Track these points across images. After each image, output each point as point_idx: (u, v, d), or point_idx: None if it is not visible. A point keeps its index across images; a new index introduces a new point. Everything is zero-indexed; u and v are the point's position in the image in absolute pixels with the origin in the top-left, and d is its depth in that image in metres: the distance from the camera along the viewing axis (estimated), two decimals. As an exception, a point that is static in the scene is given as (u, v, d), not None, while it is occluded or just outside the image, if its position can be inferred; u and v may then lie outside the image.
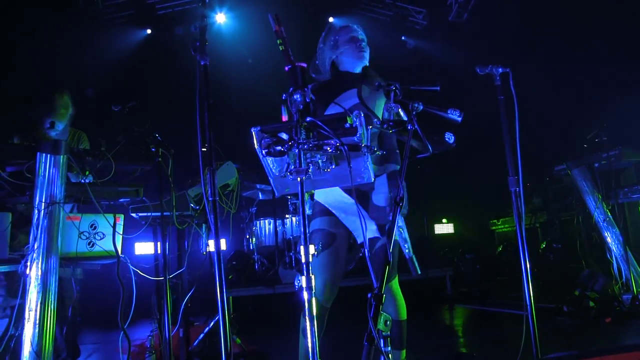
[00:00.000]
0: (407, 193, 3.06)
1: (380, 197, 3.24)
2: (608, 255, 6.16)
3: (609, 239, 6.12)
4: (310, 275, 2.41)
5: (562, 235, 9.07)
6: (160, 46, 10.14)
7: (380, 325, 2.22)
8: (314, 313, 2.43)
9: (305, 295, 2.42)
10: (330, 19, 10.89)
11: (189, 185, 4.26)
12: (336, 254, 3.20)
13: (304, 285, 2.41)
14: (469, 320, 6.88)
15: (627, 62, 7.53)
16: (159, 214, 3.81)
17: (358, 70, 3.43)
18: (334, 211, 3.26)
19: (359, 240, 3.26)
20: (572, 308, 5.67)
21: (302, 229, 2.44)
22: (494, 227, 11.36)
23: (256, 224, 8.23)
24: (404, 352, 3.16)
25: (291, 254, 7.62)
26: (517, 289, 8.52)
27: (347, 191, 3.24)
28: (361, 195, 3.26)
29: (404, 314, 3.19)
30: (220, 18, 10.18)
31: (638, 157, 6.16)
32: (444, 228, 12.21)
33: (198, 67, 2.41)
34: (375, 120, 2.82)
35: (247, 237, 8.30)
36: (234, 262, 7.78)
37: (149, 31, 10.38)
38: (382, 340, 2.24)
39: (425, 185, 9.81)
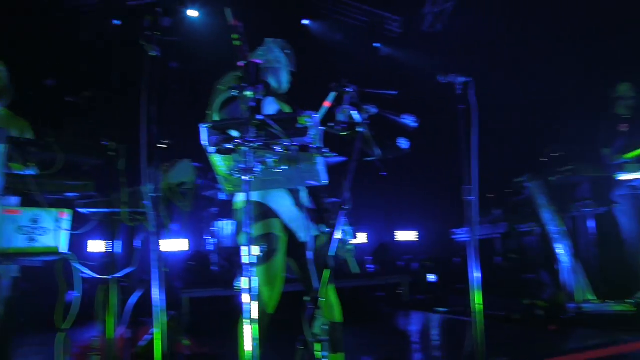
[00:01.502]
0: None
1: (306, 200, 3.30)
2: (557, 266, 6.28)
3: (560, 251, 6.23)
4: (253, 276, 2.36)
5: (519, 246, 9.16)
6: (122, 38, 9.89)
7: (317, 330, 2.18)
8: (255, 316, 2.38)
9: (246, 298, 2.37)
10: (305, 21, 10.93)
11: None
12: (279, 258, 3.16)
13: (245, 287, 2.36)
14: (423, 326, 6.91)
15: (587, 80, 7.68)
16: (109, 210, 3.72)
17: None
18: (279, 213, 3.22)
19: (302, 239, 3.24)
20: (519, 316, 5.78)
21: (245, 230, 2.39)
22: (455, 236, 11.44)
23: (217, 224, 8.10)
24: (340, 355, 3.12)
25: (251, 255, 7.53)
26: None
27: (290, 192, 3.22)
28: (296, 196, 3.25)
29: (339, 317, 3.17)
30: (192, 13, 10.00)
31: (591, 173, 6.26)
32: (406, 235, 12.26)
33: (148, 59, 2.35)
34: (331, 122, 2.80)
35: (207, 237, 8.18)
36: (192, 263, 7.65)
37: (113, 22, 10.11)
38: (319, 345, 2.20)
39: (390, 192, 9.86)
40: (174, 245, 8.67)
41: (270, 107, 3.18)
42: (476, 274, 3.08)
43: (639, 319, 5.04)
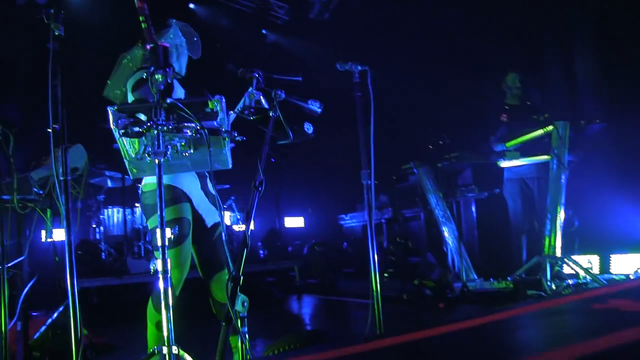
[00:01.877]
0: None
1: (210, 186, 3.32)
2: (444, 248, 6.65)
3: (446, 233, 6.60)
4: (167, 258, 2.37)
5: (405, 231, 9.54)
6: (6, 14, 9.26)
7: (238, 307, 2.23)
8: (170, 301, 2.40)
9: (161, 282, 2.37)
10: (191, 5, 10.72)
11: (32, 168, 3.99)
12: (189, 243, 3.16)
13: (160, 269, 2.36)
14: (316, 308, 7.08)
15: (473, 73, 8.08)
16: (-3, 197, 3.55)
17: None
18: (190, 195, 3.21)
19: (209, 224, 3.25)
20: (410, 296, 6.05)
21: (158, 212, 2.39)
22: (342, 222, 11.71)
23: (104, 212, 7.85)
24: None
25: (140, 243, 7.39)
26: (362, 280, 8.88)
27: (198, 175, 3.23)
28: (202, 180, 3.27)
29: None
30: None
31: (474, 160, 6.65)
32: (294, 221, 12.42)
33: (52, 38, 2.27)
34: (238, 106, 2.82)
35: (94, 226, 7.90)
36: (80, 252, 7.39)
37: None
38: (240, 321, 2.25)
39: (277, 178, 9.92)
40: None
41: (178, 90, 3.16)
42: (374, 255, 3.18)
43: (517, 295, 5.43)
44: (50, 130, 2.51)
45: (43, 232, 6.14)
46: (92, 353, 4.55)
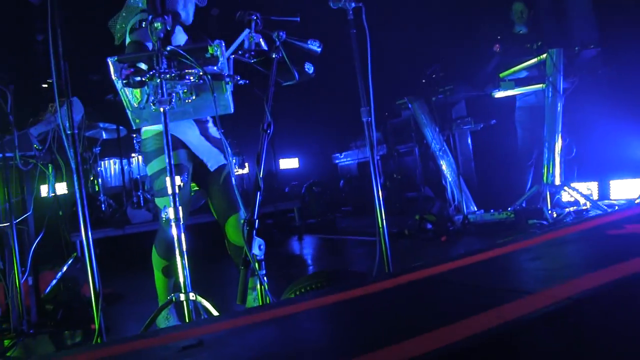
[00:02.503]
0: None
1: (214, 130, 3.34)
2: (443, 182, 6.69)
3: (444, 167, 6.63)
4: (179, 207, 2.40)
5: (399, 166, 9.59)
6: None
7: (255, 250, 2.27)
8: (183, 248, 2.43)
9: (174, 229, 2.40)
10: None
11: (30, 124, 3.95)
12: (186, 188, 3.18)
13: (172, 217, 2.39)
14: (319, 248, 7.17)
15: (463, 5, 7.95)
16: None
17: None
18: (185, 141, 3.20)
19: (212, 168, 3.26)
20: (412, 231, 6.12)
21: (167, 160, 2.40)
22: (336, 161, 11.74)
23: (101, 164, 7.83)
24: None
25: (139, 193, 7.40)
26: (360, 217, 8.95)
27: (197, 122, 3.22)
28: (202, 126, 3.26)
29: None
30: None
31: (467, 92, 6.62)
32: (289, 163, 12.45)
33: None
34: (240, 51, 2.79)
35: (92, 178, 7.89)
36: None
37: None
38: (258, 264, 2.29)
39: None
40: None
41: (180, 36, 3.11)
42: (379, 192, 3.20)
43: (518, 225, 5.51)
44: (45, 85, 2.46)
45: (42, 187, 6.14)
46: (103, 304, 4.62)
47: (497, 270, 2.00)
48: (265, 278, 2.33)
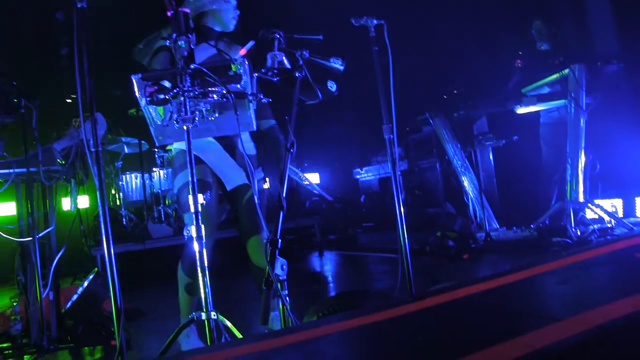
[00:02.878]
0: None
1: (249, 146, 3.31)
2: (465, 198, 6.63)
3: (465, 183, 6.58)
4: (201, 224, 2.39)
5: (421, 182, 9.52)
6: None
7: (277, 270, 2.25)
8: (205, 264, 2.42)
9: (196, 245, 2.40)
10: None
11: (54, 139, 3.99)
12: (211, 204, 3.17)
13: (194, 235, 2.38)
14: (339, 265, 7.13)
15: (484, 21, 7.90)
16: (23, 170, 3.57)
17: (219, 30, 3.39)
18: (204, 159, 3.21)
19: (229, 187, 3.26)
20: (434, 248, 6.05)
21: (189, 178, 2.40)
22: (357, 176, 11.71)
23: (122, 178, 7.88)
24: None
25: (160, 207, 7.43)
26: (381, 233, 8.88)
27: (217, 138, 3.22)
28: (229, 143, 3.25)
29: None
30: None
31: (489, 108, 6.57)
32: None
33: (75, 9, 2.23)
34: (263, 69, 2.79)
35: (113, 192, 7.95)
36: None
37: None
38: (280, 284, 2.27)
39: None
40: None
41: (203, 52, 3.13)
42: (401, 209, 3.16)
43: (542, 242, 5.42)
44: (69, 100, 2.48)
45: (64, 200, 6.16)
46: (124, 320, 4.62)
47: (523, 294, 1.97)
48: (287, 298, 2.31)
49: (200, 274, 2.39)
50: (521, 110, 6.02)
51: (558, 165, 6.20)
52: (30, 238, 3.63)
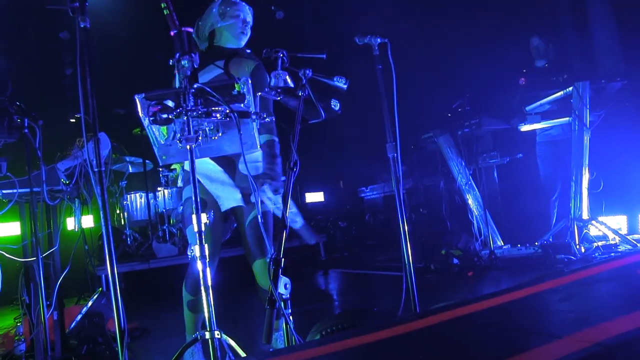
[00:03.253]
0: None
1: (251, 166, 3.27)
2: (469, 216, 6.62)
3: (470, 201, 6.57)
4: (204, 243, 2.39)
5: (426, 199, 9.50)
6: (29, 6, 9.20)
7: (281, 289, 2.25)
8: (209, 283, 2.42)
9: (200, 265, 2.39)
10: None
11: (58, 159, 4.00)
12: (215, 223, 3.16)
13: (197, 254, 2.38)
14: (343, 283, 7.11)
15: (489, 39, 7.94)
16: (27, 190, 3.58)
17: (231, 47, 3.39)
18: (200, 179, 3.21)
19: (223, 208, 3.25)
20: (438, 266, 6.04)
21: (193, 198, 2.40)
22: (362, 195, 11.72)
23: (127, 197, 7.90)
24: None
25: (164, 227, 7.43)
26: (386, 252, 8.86)
27: (214, 158, 3.23)
28: (228, 163, 3.25)
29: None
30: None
31: (493, 126, 6.58)
32: (314, 197, 12.43)
33: (78, 30, 2.25)
34: (266, 88, 2.80)
35: (118, 212, 7.97)
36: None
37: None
38: (284, 303, 2.27)
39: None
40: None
41: (212, 72, 3.16)
42: (404, 227, 3.16)
43: (546, 260, 5.42)
44: (73, 120, 2.49)
45: (68, 220, 6.17)
46: (128, 339, 4.61)
47: (525, 312, 1.96)
48: (290, 317, 2.30)
49: (204, 293, 2.39)
50: (525, 127, 6.03)
51: (557, 184, 6.21)
52: (34, 258, 3.62)
